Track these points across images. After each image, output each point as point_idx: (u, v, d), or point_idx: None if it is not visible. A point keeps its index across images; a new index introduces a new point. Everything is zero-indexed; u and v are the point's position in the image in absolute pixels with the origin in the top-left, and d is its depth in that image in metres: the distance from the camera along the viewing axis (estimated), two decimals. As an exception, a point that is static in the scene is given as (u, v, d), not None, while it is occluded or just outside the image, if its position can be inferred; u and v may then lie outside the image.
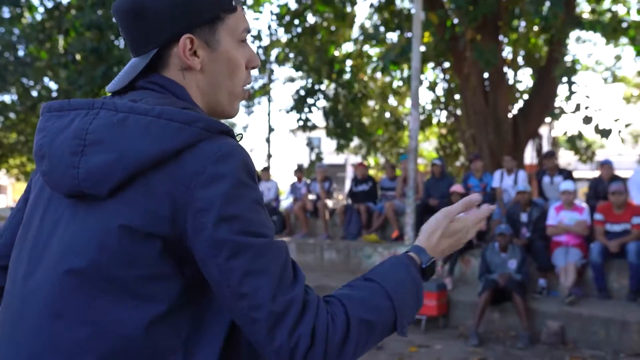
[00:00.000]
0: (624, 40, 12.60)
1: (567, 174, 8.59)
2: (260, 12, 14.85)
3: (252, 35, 14.66)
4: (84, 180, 0.94)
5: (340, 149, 14.81)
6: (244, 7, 13.72)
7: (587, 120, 9.66)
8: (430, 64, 13.82)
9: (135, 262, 0.92)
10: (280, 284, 0.93)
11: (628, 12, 11.89)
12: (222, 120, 1.07)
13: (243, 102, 17.08)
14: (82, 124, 0.97)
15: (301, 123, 14.20)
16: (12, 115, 16.78)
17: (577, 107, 9.78)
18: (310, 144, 15.29)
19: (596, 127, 9.62)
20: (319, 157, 15.18)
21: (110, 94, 1.11)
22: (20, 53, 14.63)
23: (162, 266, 0.93)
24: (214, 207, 0.91)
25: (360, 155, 17.08)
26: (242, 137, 1.10)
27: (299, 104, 14.04)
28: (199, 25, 1.05)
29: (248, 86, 1.18)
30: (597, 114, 9.80)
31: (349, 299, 0.99)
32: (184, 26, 1.04)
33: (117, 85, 1.07)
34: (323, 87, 14.23)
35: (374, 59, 15.12)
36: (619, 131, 10.43)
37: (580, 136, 11.90)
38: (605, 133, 9.59)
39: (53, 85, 14.86)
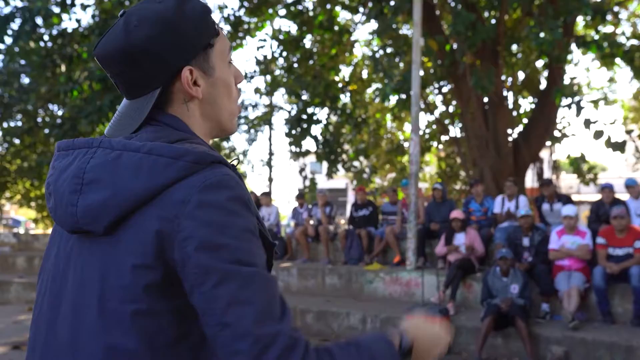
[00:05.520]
0: (616, 64, 12.66)
1: (566, 199, 8.58)
2: (265, 40, 14.96)
3: (257, 62, 14.76)
4: (82, 218, 0.97)
5: (329, 174, 14.79)
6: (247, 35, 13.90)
7: (598, 134, 9.62)
8: (430, 88, 13.91)
9: (132, 298, 0.94)
10: (266, 315, 0.90)
11: (627, 38, 11.98)
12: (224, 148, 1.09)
13: (245, 132, 17.18)
14: (81, 163, 1.00)
15: (294, 149, 14.22)
16: (16, 141, 16.89)
17: (587, 123, 9.75)
18: (302, 172, 15.28)
19: (607, 141, 9.58)
20: (313, 183, 15.16)
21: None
22: (25, 81, 14.74)
23: (151, 302, 0.94)
24: (200, 236, 0.91)
25: (354, 180, 16.97)
26: (238, 162, 1.12)
27: (293, 131, 14.07)
28: (194, 57, 1.07)
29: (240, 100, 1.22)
30: (608, 127, 9.75)
31: (338, 349, 0.96)
32: (182, 61, 1.06)
33: (123, 132, 1.08)
34: (317, 110, 14.26)
35: (374, 83, 15.23)
36: (633, 141, 10.36)
37: (582, 158, 11.91)
38: (617, 146, 9.54)
39: (59, 112, 14.94)
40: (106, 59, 1.06)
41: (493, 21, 11.22)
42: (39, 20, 11.84)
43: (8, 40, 11.89)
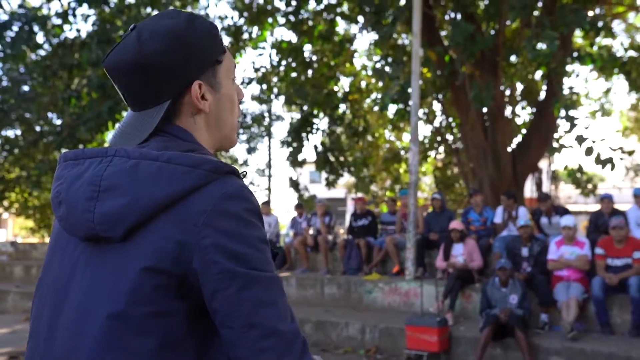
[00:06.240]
0: (615, 73, 12.70)
1: (564, 211, 8.60)
2: (264, 49, 15.01)
3: (254, 69, 14.82)
4: (99, 224, 0.99)
5: (329, 184, 14.80)
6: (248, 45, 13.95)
7: (589, 151, 9.66)
8: (429, 99, 13.93)
9: (143, 300, 0.96)
10: (286, 316, 0.99)
11: (625, 49, 12.05)
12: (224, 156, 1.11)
13: (244, 141, 17.20)
14: (96, 171, 1.01)
15: (291, 159, 14.22)
16: (15, 150, 16.87)
17: (580, 140, 9.78)
18: (294, 184, 15.25)
19: (597, 158, 9.63)
20: (306, 189, 15.19)
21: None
22: (25, 88, 14.76)
23: (164, 304, 0.97)
24: (223, 245, 0.96)
25: (353, 191, 17.00)
26: (245, 175, 1.15)
27: (292, 140, 14.05)
28: (203, 72, 1.11)
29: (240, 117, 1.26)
30: (598, 144, 9.78)
31: None
32: (192, 75, 1.09)
33: (128, 143, 1.09)
34: (316, 120, 14.27)
35: (373, 93, 15.26)
36: (621, 159, 10.41)
37: (580, 170, 11.93)
38: (606, 163, 9.58)
39: (57, 121, 14.95)
40: (117, 70, 1.08)
41: (492, 32, 11.27)
42: (40, 32, 11.86)
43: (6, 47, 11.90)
